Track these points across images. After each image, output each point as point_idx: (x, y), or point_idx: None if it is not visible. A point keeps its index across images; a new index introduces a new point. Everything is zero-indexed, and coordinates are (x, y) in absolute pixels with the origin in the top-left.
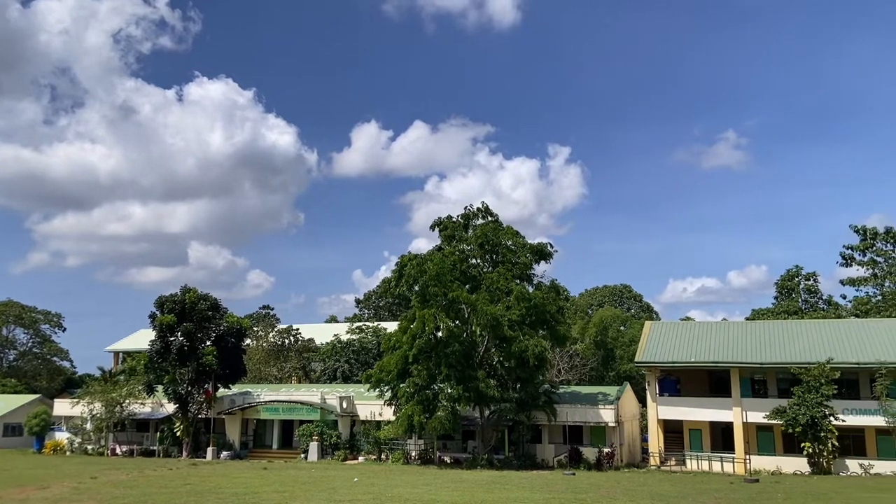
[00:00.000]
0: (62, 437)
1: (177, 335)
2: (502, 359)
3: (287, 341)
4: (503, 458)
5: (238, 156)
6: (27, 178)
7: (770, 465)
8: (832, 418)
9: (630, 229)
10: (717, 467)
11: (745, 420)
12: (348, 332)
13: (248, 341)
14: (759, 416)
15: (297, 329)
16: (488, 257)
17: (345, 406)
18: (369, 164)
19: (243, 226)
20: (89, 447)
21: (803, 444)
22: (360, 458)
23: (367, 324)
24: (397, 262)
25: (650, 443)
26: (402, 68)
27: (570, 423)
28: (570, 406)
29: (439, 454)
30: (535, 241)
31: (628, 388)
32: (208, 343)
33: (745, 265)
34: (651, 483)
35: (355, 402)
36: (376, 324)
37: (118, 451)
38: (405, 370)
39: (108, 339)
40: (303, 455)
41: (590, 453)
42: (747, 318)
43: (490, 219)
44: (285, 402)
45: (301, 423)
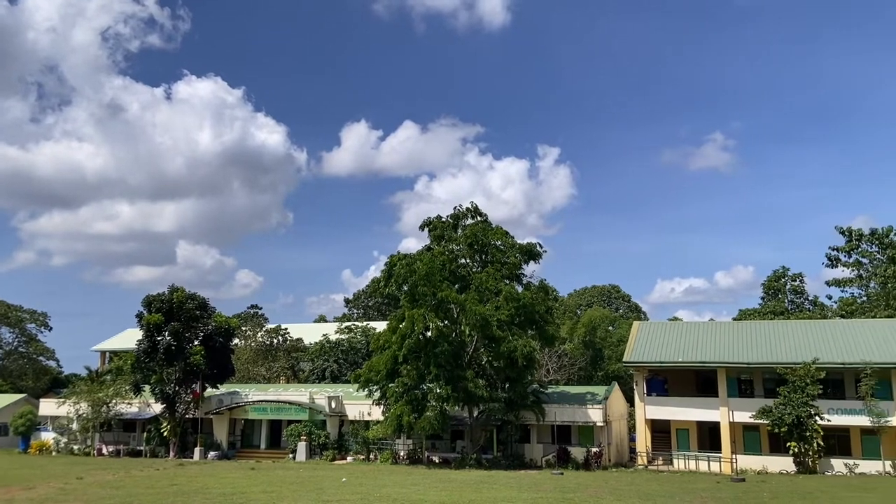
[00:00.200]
0: (48, 437)
1: (164, 335)
2: (491, 359)
3: (275, 341)
4: (492, 458)
5: (227, 155)
6: (13, 176)
7: (756, 465)
8: (818, 418)
9: (618, 230)
10: (703, 467)
11: (731, 420)
12: (337, 332)
13: (237, 341)
14: (745, 416)
15: (286, 329)
16: (477, 257)
17: (333, 406)
18: (359, 164)
19: (232, 225)
20: (75, 447)
21: (789, 444)
22: (349, 458)
23: (357, 324)
24: (387, 261)
25: (638, 442)
26: (392, 68)
27: (559, 423)
28: (558, 406)
29: (428, 454)
30: (524, 241)
31: (616, 388)
32: (196, 343)
33: (732, 266)
34: (638, 482)
35: (344, 401)
36: (365, 324)
37: (104, 451)
38: (394, 370)
39: (94, 339)
40: (291, 455)
41: (578, 453)
42: (734, 319)
43: (479, 219)
44: (273, 401)
45: (289, 423)
